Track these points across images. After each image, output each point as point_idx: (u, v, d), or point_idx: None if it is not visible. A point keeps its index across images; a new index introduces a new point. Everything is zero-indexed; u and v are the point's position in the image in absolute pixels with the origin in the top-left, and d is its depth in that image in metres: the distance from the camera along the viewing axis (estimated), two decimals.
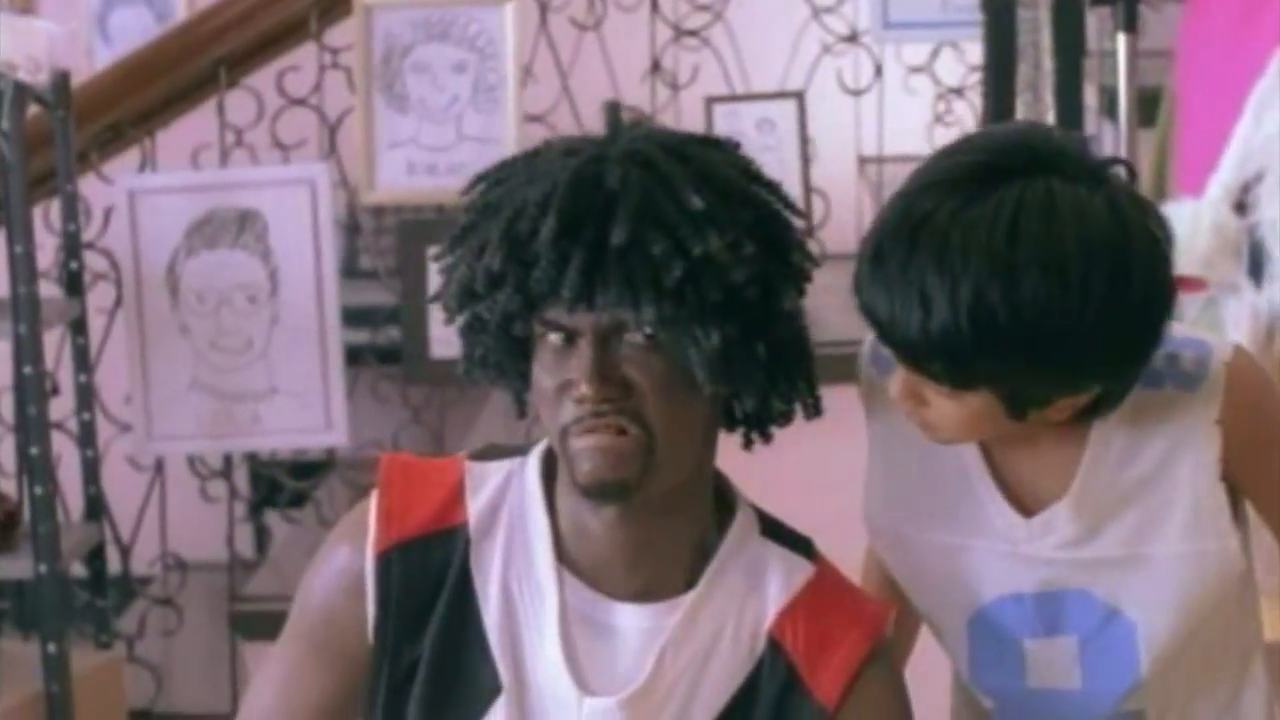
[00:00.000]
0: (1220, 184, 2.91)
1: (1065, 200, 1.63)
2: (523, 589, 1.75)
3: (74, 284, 3.54)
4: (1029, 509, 1.81)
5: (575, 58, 4.23)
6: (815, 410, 1.75)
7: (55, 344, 3.63)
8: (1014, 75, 3.54)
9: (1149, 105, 3.37)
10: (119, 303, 3.74)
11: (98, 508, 3.58)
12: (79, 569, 3.64)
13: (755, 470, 1.82)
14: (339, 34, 3.94)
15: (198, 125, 3.99)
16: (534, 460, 1.80)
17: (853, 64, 4.42)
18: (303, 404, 3.69)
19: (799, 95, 4.24)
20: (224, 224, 3.67)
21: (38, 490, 3.24)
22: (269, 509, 4.62)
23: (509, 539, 1.77)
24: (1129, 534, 1.79)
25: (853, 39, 4.40)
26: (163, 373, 3.68)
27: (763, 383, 1.70)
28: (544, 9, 4.14)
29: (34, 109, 3.37)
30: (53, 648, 3.22)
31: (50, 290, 3.55)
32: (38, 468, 3.25)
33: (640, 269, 1.63)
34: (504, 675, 1.74)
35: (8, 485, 3.55)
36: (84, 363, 3.58)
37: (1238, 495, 1.82)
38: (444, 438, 4.17)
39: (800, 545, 1.80)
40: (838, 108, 4.41)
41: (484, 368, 1.76)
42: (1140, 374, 1.72)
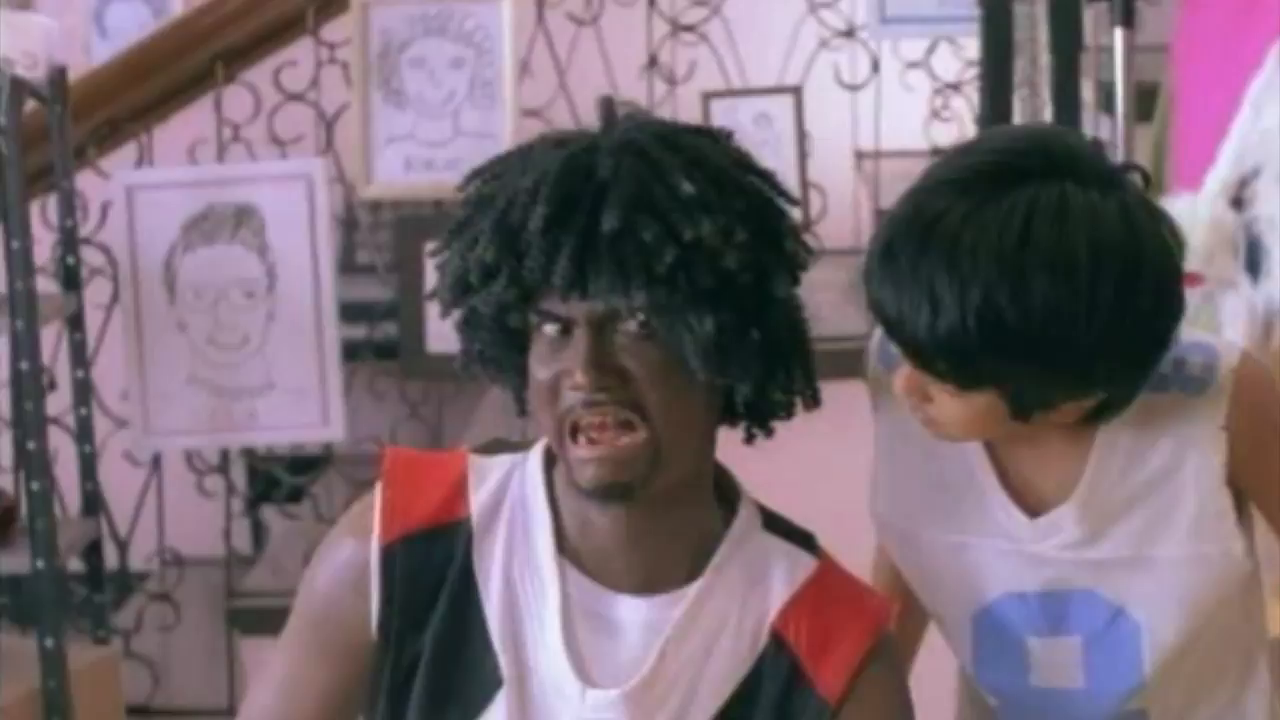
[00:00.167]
0: (1217, 179, 2.91)
1: (1078, 205, 1.63)
2: (525, 582, 1.75)
3: (71, 279, 3.54)
4: (1034, 509, 1.81)
5: (572, 53, 4.23)
6: (814, 401, 1.75)
7: (52, 339, 3.62)
8: (1011, 70, 3.53)
9: (1146, 100, 3.36)
10: (116, 298, 3.74)
11: (95, 503, 3.58)
12: (76, 564, 3.63)
13: (753, 465, 1.81)
14: (336, 29, 3.94)
15: (195, 120, 3.99)
16: (536, 453, 1.79)
17: (850, 59, 4.43)
18: (300, 399, 3.69)
19: (796, 90, 4.25)
20: (221, 219, 3.67)
21: (35, 485, 3.23)
22: (266, 504, 4.61)
23: (511, 532, 1.76)
24: (1134, 536, 1.79)
25: (850, 34, 4.41)
26: (160, 368, 3.68)
27: (759, 372, 1.69)
28: (541, 4, 4.14)
29: (31, 104, 3.36)
30: (50, 643, 3.21)
31: (47, 285, 3.55)
32: (35, 463, 3.25)
33: (632, 255, 1.62)
34: (506, 668, 1.74)
35: (5, 480, 3.54)
36: (81, 358, 3.57)
37: (1244, 498, 1.82)
38: (441, 433, 4.17)
39: (802, 540, 1.80)
40: (835, 103, 4.41)
41: (482, 363, 1.76)
42: (1146, 380, 1.72)
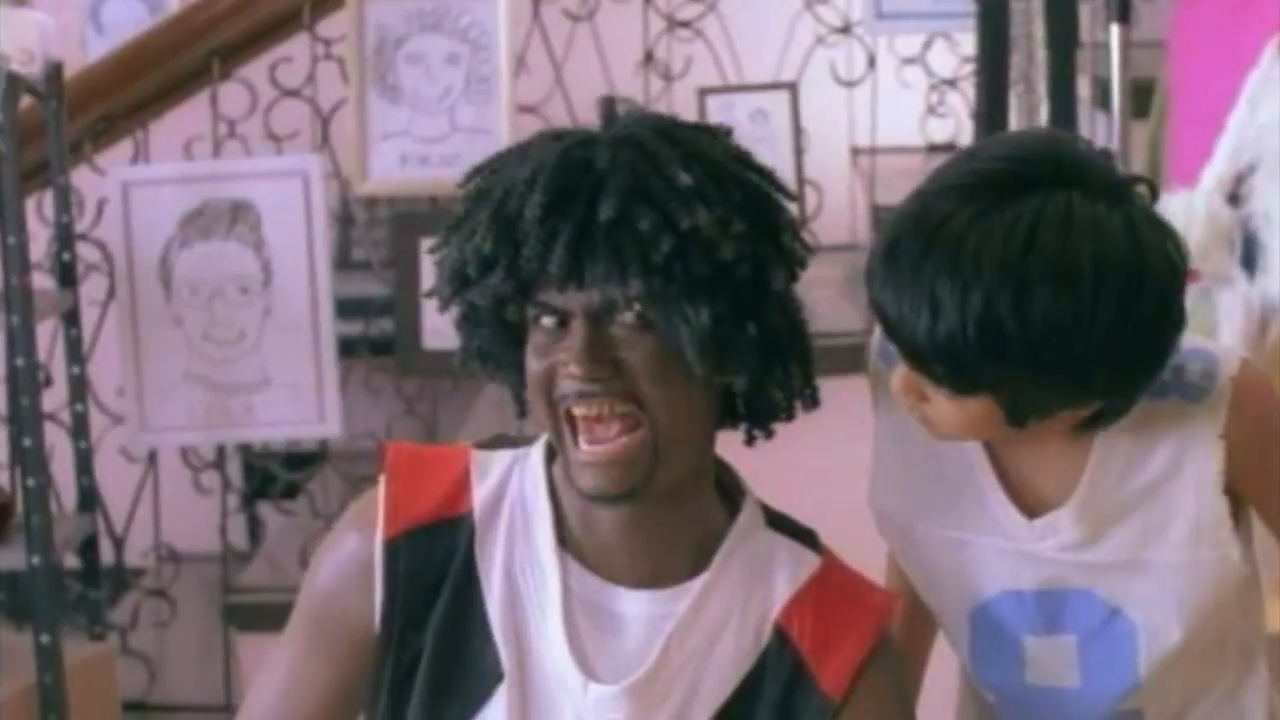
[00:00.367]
0: (1213, 175, 2.91)
1: (1084, 217, 1.62)
2: (526, 575, 1.75)
3: (67, 275, 3.54)
4: (1032, 510, 1.81)
5: (568, 49, 4.22)
6: (813, 400, 1.75)
7: (48, 335, 3.62)
8: (1007, 67, 3.54)
9: (1142, 96, 3.37)
10: (112, 294, 3.74)
11: (91, 499, 3.58)
12: (72, 560, 3.63)
13: (752, 463, 1.81)
14: (332, 25, 3.94)
15: (191, 116, 3.99)
16: (538, 447, 1.79)
17: (846, 55, 4.42)
18: (296, 395, 3.69)
19: (792, 86, 4.25)
20: (217, 215, 3.67)
21: (31, 482, 3.24)
22: (262, 500, 4.62)
23: (512, 526, 1.76)
24: (1131, 540, 1.79)
25: (846, 30, 4.40)
26: (156, 364, 3.68)
27: (756, 367, 1.69)
28: (536, 0, 4.14)
29: (27, 100, 3.37)
30: (46, 639, 3.21)
31: (43, 282, 3.55)
32: (31, 459, 3.25)
33: (629, 244, 1.62)
34: (507, 662, 1.74)
35: (1, 477, 3.54)
36: (77, 354, 3.57)
37: (1242, 504, 1.81)
38: (437, 429, 4.17)
39: (805, 537, 1.80)
40: (831, 99, 4.41)
41: (480, 359, 1.76)
42: (1143, 392, 1.72)
